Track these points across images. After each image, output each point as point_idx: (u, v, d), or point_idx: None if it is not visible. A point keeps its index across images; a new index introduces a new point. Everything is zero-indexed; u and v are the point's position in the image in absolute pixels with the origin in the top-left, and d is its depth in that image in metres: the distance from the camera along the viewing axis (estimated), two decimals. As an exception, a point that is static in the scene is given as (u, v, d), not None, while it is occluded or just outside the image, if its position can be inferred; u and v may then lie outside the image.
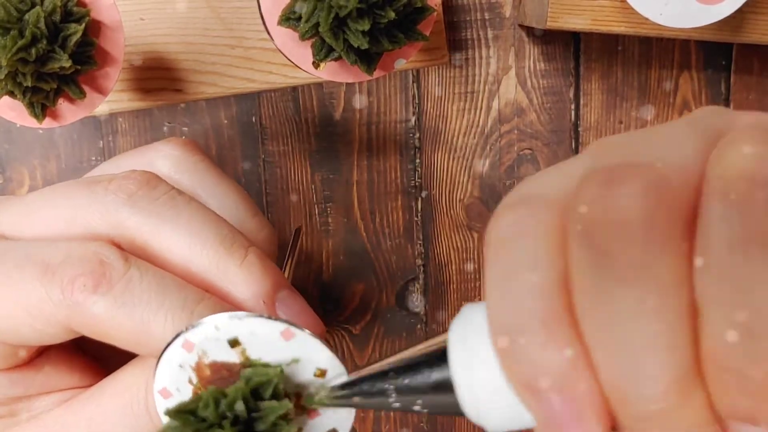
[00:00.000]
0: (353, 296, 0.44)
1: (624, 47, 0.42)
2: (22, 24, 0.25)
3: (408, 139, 0.42)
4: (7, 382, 0.26)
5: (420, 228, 0.43)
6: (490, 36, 0.41)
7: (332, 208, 0.42)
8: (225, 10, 0.34)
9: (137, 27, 0.33)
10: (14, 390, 0.26)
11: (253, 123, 0.41)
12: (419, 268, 0.43)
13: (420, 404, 0.20)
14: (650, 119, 0.43)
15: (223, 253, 0.24)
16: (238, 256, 0.25)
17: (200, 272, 0.24)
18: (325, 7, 0.26)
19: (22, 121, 0.28)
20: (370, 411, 0.44)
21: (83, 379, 0.27)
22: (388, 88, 0.41)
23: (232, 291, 0.25)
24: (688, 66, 0.42)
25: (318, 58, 0.28)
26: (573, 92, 0.42)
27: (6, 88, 0.26)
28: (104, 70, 0.28)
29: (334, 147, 0.42)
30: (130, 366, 0.25)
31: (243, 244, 0.25)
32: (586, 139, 0.43)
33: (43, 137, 0.40)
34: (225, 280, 0.24)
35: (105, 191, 0.25)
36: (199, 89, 0.34)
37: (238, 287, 0.24)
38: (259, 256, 0.25)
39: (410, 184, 0.42)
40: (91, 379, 0.27)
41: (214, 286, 0.24)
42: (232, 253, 0.25)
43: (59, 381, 0.27)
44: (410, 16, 0.27)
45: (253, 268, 0.25)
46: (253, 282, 0.24)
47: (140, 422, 0.24)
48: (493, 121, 0.42)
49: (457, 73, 0.41)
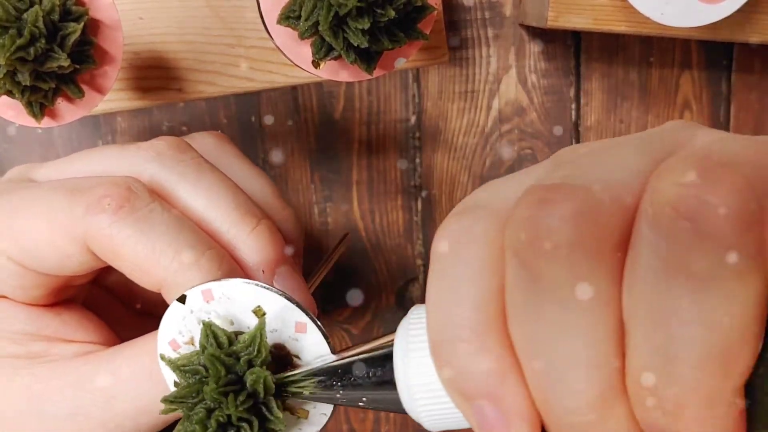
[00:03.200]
0: (353, 296, 0.44)
1: (625, 47, 0.42)
2: (20, 23, 0.25)
3: (408, 139, 0.42)
4: (25, 317, 0.27)
5: (420, 228, 0.43)
6: (491, 35, 0.41)
7: (332, 208, 0.42)
8: (224, 9, 0.34)
9: (136, 26, 0.33)
10: (31, 326, 0.27)
11: (253, 122, 0.41)
12: (419, 268, 0.43)
13: (364, 401, 0.21)
14: (651, 119, 0.43)
15: (236, 218, 0.26)
16: (249, 224, 0.26)
17: (211, 232, 0.26)
18: (325, 6, 0.26)
19: (21, 120, 0.28)
20: (370, 412, 0.44)
21: (99, 335, 0.28)
22: (388, 87, 0.41)
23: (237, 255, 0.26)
24: (689, 65, 0.42)
25: (318, 57, 0.28)
26: (573, 92, 0.42)
27: (4, 87, 0.26)
28: (103, 69, 0.28)
29: (334, 147, 0.41)
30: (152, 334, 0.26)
31: (256, 215, 0.27)
32: (586, 139, 0.43)
33: (41, 137, 0.40)
34: (232, 243, 0.26)
35: (137, 149, 0.27)
36: (198, 88, 0.34)
37: (244, 252, 0.26)
38: (270, 228, 0.27)
39: (410, 184, 0.42)
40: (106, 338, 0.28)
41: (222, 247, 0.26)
42: (245, 221, 0.26)
43: (75, 331, 0.28)
44: (410, 14, 0.27)
45: (260, 237, 0.26)
46: (258, 251, 0.26)
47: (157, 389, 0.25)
48: (493, 120, 0.42)
49: (457, 73, 0.41)
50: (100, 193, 0.25)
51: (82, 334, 0.28)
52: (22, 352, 0.27)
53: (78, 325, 0.28)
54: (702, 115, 0.43)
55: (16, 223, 0.26)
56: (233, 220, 0.26)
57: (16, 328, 0.27)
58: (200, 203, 0.26)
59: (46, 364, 0.26)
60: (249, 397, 0.22)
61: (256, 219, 0.26)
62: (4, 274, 0.26)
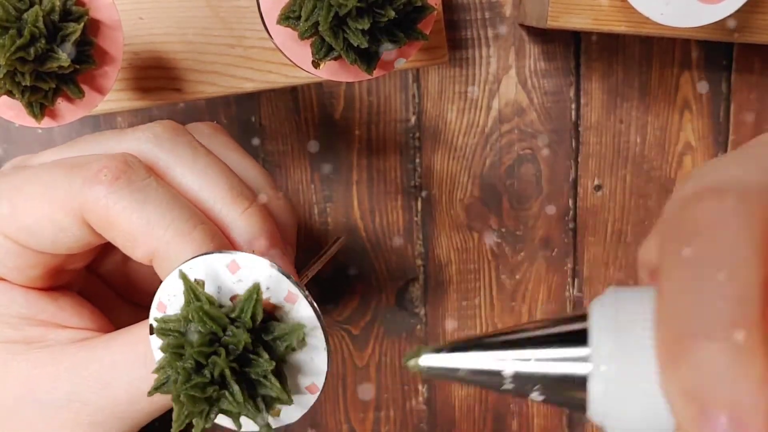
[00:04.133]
0: (353, 296, 0.44)
1: (624, 47, 0.42)
2: (20, 23, 0.25)
3: (408, 139, 0.42)
4: (23, 301, 0.27)
5: (420, 228, 0.43)
6: (491, 35, 0.41)
7: (332, 208, 0.42)
8: (224, 9, 0.34)
9: (136, 26, 0.33)
10: (28, 310, 0.27)
11: (253, 122, 0.41)
12: (419, 268, 0.43)
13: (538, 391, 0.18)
14: (651, 119, 0.43)
15: (229, 200, 0.27)
16: (241, 205, 0.27)
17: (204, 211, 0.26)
18: (325, 6, 0.26)
19: (21, 120, 0.28)
20: (369, 412, 0.44)
21: (94, 322, 0.28)
22: (388, 87, 0.41)
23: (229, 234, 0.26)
24: (688, 65, 0.42)
25: (317, 57, 0.28)
26: (573, 92, 0.42)
27: (5, 87, 0.26)
28: (103, 69, 0.28)
29: (334, 147, 0.41)
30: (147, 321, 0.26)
31: (248, 197, 0.27)
32: (586, 139, 0.43)
33: (42, 137, 0.40)
34: (225, 222, 0.26)
35: (134, 131, 0.28)
36: (198, 88, 0.34)
37: (235, 232, 0.27)
38: (261, 211, 0.27)
39: (410, 184, 0.42)
40: (101, 326, 0.29)
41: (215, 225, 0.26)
42: (237, 202, 0.27)
43: (71, 317, 0.28)
44: (410, 15, 0.27)
45: (252, 219, 0.27)
46: (249, 231, 0.26)
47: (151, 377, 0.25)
48: (493, 120, 0.42)
49: (457, 73, 0.41)
50: (97, 166, 0.25)
51: (78, 320, 0.28)
52: (18, 337, 0.27)
53: (74, 311, 0.28)
54: (702, 115, 0.43)
55: (15, 201, 0.26)
56: (226, 201, 0.26)
57: (12, 311, 0.27)
58: (195, 184, 0.27)
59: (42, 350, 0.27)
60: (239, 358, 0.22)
61: (249, 201, 0.27)
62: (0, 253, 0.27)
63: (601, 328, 0.17)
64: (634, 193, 0.43)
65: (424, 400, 0.45)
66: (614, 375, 0.17)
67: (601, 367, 0.17)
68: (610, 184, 0.43)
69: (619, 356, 0.17)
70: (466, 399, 0.45)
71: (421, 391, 0.45)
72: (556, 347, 0.18)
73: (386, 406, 0.45)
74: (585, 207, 0.43)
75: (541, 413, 0.46)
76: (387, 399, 0.44)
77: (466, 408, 0.45)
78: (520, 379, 0.18)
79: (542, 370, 0.18)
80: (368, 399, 0.44)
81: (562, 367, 0.17)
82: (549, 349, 0.18)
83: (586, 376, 0.17)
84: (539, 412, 0.46)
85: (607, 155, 0.43)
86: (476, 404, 0.45)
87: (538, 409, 0.46)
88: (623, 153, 0.43)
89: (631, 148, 0.43)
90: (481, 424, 0.45)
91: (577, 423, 0.46)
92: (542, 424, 0.46)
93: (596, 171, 0.43)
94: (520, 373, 0.18)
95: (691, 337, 0.15)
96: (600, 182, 0.43)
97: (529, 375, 0.18)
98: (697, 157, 0.43)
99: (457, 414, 0.45)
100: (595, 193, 0.43)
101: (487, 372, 0.18)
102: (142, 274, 0.32)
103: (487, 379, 0.18)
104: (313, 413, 0.44)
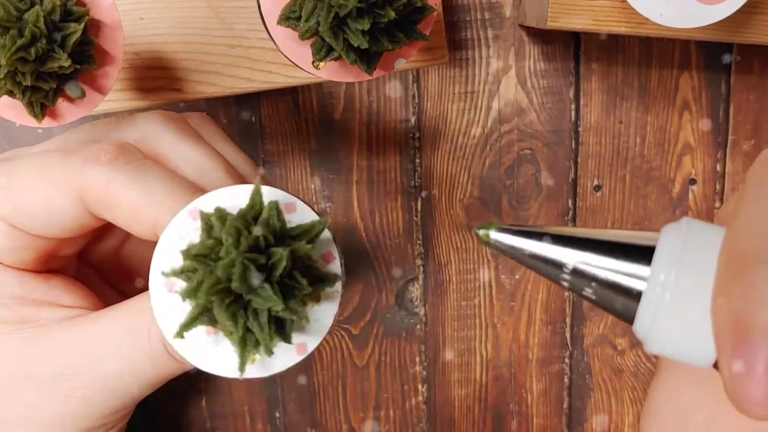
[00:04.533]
0: (353, 296, 0.44)
1: (624, 47, 0.42)
2: (21, 23, 0.25)
3: (408, 140, 0.42)
4: (16, 282, 0.28)
5: (420, 228, 0.43)
6: (490, 36, 0.41)
7: (332, 208, 0.42)
8: (225, 9, 0.34)
9: (137, 26, 0.33)
10: (21, 290, 0.28)
11: (253, 123, 0.41)
12: (419, 268, 0.43)
13: (591, 290, 0.18)
14: (650, 119, 0.43)
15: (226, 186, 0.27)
16: None
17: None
18: (325, 7, 0.26)
19: (22, 120, 0.28)
20: (369, 411, 0.44)
21: (86, 302, 0.29)
22: (388, 88, 0.41)
23: None
24: (688, 66, 0.42)
25: (318, 57, 0.28)
26: (573, 92, 0.42)
27: (5, 87, 0.26)
28: (104, 69, 0.28)
29: (334, 147, 0.42)
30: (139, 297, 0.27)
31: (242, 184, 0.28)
32: (586, 139, 0.43)
33: (42, 137, 0.40)
34: None
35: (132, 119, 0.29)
36: (198, 89, 0.34)
37: None
38: None
39: (410, 184, 0.42)
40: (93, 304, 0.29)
41: None
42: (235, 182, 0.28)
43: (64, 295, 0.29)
44: (410, 15, 0.27)
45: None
46: None
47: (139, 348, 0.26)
48: (493, 121, 0.42)
49: (457, 73, 0.41)
50: (95, 149, 0.26)
51: (71, 299, 0.28)
52: (12, 318, 0.27)
53: (66, 290, 0.29)
54: (701, 116, 0.43)
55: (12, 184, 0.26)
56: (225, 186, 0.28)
57: (5, 291, 0.27)
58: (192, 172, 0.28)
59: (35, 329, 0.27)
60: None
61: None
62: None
63: (667, 248, 0.18)
64: (634, 194, 0.44)
65: (424, 400, 0.45)
66: (669, 296, 0.17)
67: (657, 289, 0.17)
68: (609, 184, 0.43)
69: (679, 277, 0.17)
70: (465, 399, 0.45)
71: (420, 390, 0.45)
72: (620, 257, 0.18)
73: (386, 405, 0.45)
74: (584, 207, 0.43)
75: (541, 413, 0.46)
76: (387, 399, 0.44)
77: (465, 408, 0.45)
78: (578, 275, 0.18)
79: (602, 275, 0.18)
80: (368, 399, 0.44)
81: (622, 278, 0.18)
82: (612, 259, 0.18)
83: (641, 291, 0.18)
84: (539, 412, 0.46)
85: (607, 155, 0.43)
86: (476, 404, 0.45)
87: (538, 409, 0.46)
88: (623, 153, 0.43)
89: (630, 148, 0.43)
90: (481, 423, 0.45)
91: (577, 423, 0.46)
92: (542, 424, 0.46)
93: (596, 171, 0.43)
94: (579, 271, 0.18)
95: (753, 261, 0.15)
96: (599, 182, 0.43)
97: (589, 275, 0.18)
98: (697, 158, 0.43)
99: (457, 413, 0.45)
100: (595, 194, 0.43)
101: (550, 261, 0.19)
102: (135, 263, 0.33)
103: (548, 268, 0.19)
104: (313, 413, 0.44)
